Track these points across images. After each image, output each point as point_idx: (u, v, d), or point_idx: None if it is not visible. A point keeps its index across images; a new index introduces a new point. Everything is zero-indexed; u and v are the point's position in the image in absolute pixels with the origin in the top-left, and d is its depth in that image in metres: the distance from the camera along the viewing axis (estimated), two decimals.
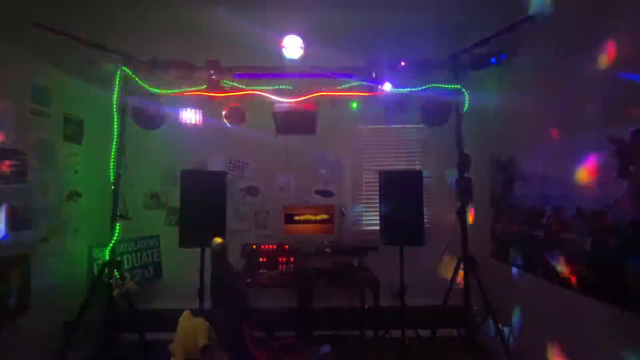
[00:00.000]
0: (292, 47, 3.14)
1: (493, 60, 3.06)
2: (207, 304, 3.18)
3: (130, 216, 3.19)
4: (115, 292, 2.99)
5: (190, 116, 3.51)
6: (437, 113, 3.46)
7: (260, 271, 3.47)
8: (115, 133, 3.15)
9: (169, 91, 3.34)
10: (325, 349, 3.08)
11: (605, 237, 2.07)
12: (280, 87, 3.46)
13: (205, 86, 3.31)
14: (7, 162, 2.58)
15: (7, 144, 2.59)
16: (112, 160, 3.13)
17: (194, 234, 3.12)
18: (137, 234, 3.68)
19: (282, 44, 3.15)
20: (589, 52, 2.22)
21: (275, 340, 3.49)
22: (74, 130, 3.32)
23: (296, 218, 3.85)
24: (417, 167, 3.90)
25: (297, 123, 3.76)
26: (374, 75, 3.29)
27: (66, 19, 2.98)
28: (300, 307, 3.65)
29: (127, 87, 3.23)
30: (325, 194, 4.06)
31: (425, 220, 3.32)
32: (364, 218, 4.11)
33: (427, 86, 3.35)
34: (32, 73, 2.87)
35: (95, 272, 3.32)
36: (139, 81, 3.21)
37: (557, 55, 2.49)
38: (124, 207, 3.17)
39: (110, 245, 3.06)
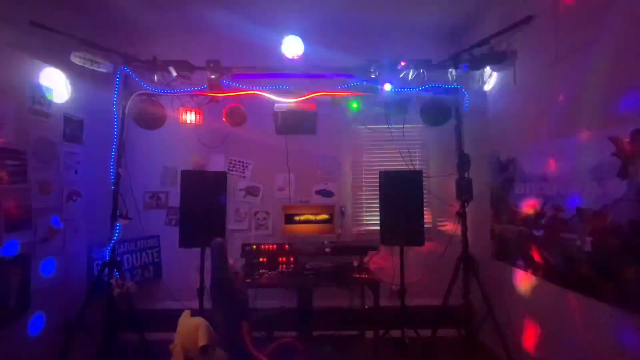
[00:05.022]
0: (292, 47, 3.13)
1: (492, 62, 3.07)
2: (207, 304, 3.18)
3: (130, 216, 3.19)
4: (115, 292, 2.99)
5: (190, 116, 3.51)
6: (437, 113, 3.46)
7: (260, 271, 3.47)
8: (115, 133, 3.15)
9: (169, 92, 3.33)
10: None
11: (605, 237, 2.07)
12: (280, 87, 3.46)
13: (205, 86, 3.31)
14: (7, 162, 2.57)
15: (7, 144, 2.58)
16: (112, 160, 3.13)
17: (194, 234, 3.13)
18: (137, 234, 3.68)
19: (282, 44, 3.14)
20: (589, 52, 2.22)
21: (275, 340, 3.50)
22: (74, 130, 3.32)
23: (296, 218, 3.85)
24: (417, 167, 3.90)
25: (297, 123, 3.76)
26: (374, 75, 3.28)
27: (66, 19, 2.98)
28: (300, 307, 3.65)
29: (127, 87, 3.23)
30: (325, 194, 4.06)
31: (425, 220, 3.32)
32: (364, 218, 4.11)
33: (427, 86, 3.35)
34: (32, 73, 2.87)
35: (95, 272, 3.32)
36: (139, 81, 3.21)
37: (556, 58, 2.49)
38: (124, 207, 3.17)
39: (110, 245, 3.06)
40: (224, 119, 3.52)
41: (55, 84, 3.06)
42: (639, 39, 1.91)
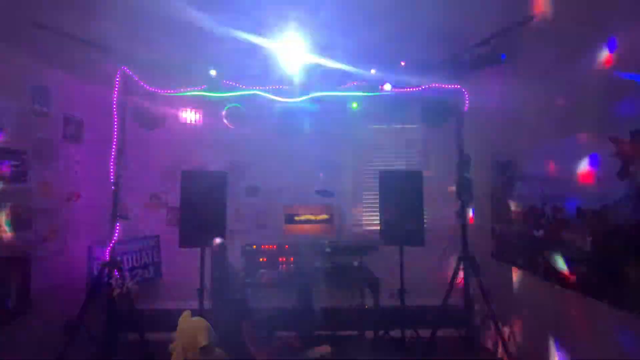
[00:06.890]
0: (293, 47, 3.13)
1: (495, 59, 3.06)
2: (207, 304, 3.19)
3: (130, 216, 3.20)
4: (115, 292, 2.99)
5: (190, 116, 3.51)
6: (437, 113, 3.47)
7: (260, 271, 3.47)
8: (115, 133, 3.15)
9: (169, 92, 3.34)
10: None
11: (605, 237, 2.07)
12: (280, 87, 3.45)
13: (205, 86, 3.30)
14: (7, 162, 2.58)
15: (7, 144, 2.58)
16: (112, 160, 3.13)
17: (194, 234, 3.13)
18: (137, 234, 3.68)
19: (282, 44, 3.14)
20: (589, 52, 2.22)
21: (275, 340, 3.49)
22: (74, 130, 3.32)
23: (296, 218, 3.85)
24: (417, 167, 3.89)
25: (298, 123, 3.76)
26: (373, 75, 3.28)
27: (66, 19, 2.98)
28: (300, 307, 3.65)
29: (127, 87, 3.23)
30: (325, 194, 4.06)
31: (425, 221, 3.32)
32: (364, 218, 4.11)
33: (427, 86, 3.35)
34: (32, 73, 2.87)
35: (95, 272, 3.32)
36: (139, 81, 3.21)
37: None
38: (124, 207, 3.17)
39: (110, 245, 3.06)
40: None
41: (55, 84, 3.06)
42: (638, 38, 1.91)
